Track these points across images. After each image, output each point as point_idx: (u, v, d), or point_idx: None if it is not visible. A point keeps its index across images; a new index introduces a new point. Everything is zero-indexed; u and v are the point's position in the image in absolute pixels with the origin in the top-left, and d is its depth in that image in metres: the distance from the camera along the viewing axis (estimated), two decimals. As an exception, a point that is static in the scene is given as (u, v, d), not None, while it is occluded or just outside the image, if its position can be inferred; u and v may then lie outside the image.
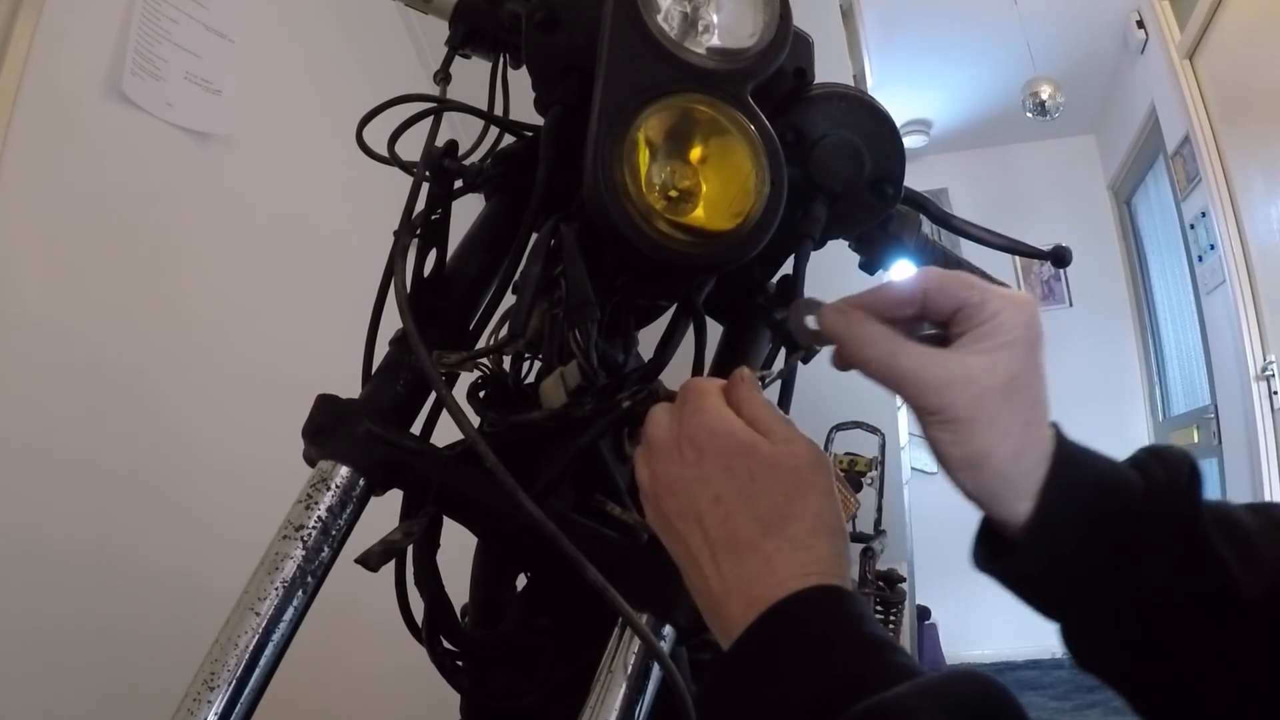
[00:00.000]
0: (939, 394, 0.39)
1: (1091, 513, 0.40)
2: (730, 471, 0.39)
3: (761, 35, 0.50)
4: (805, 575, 0.36)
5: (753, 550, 0.37)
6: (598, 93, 0.47)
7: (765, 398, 0.43)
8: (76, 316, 1.10)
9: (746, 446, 0.39)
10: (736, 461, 0.39)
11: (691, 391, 0.43)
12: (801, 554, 0.37)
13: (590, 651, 0.51)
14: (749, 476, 0.39)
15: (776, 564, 0.36)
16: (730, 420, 0.41)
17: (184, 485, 1.23)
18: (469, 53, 0.66)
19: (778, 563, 0.36)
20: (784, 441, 0.40)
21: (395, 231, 0.54)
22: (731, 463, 0.39)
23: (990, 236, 0.64)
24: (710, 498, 0.39)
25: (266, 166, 1.49)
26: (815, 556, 0.37)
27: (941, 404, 0.39)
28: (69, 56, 1.12)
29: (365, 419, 0.50)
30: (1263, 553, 0.40)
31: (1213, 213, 2.97)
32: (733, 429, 0.40)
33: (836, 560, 0.37)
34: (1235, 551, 0.40)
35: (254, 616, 0.46)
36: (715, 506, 0.39)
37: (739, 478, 0.39)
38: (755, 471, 0.39)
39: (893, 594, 1.61)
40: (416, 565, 0.57)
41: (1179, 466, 0.42)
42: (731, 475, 0.39)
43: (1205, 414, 3.33)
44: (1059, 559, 0.40)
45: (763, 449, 0.39)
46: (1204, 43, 2.98)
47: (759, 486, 0.38)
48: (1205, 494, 0.41)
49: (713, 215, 0.47)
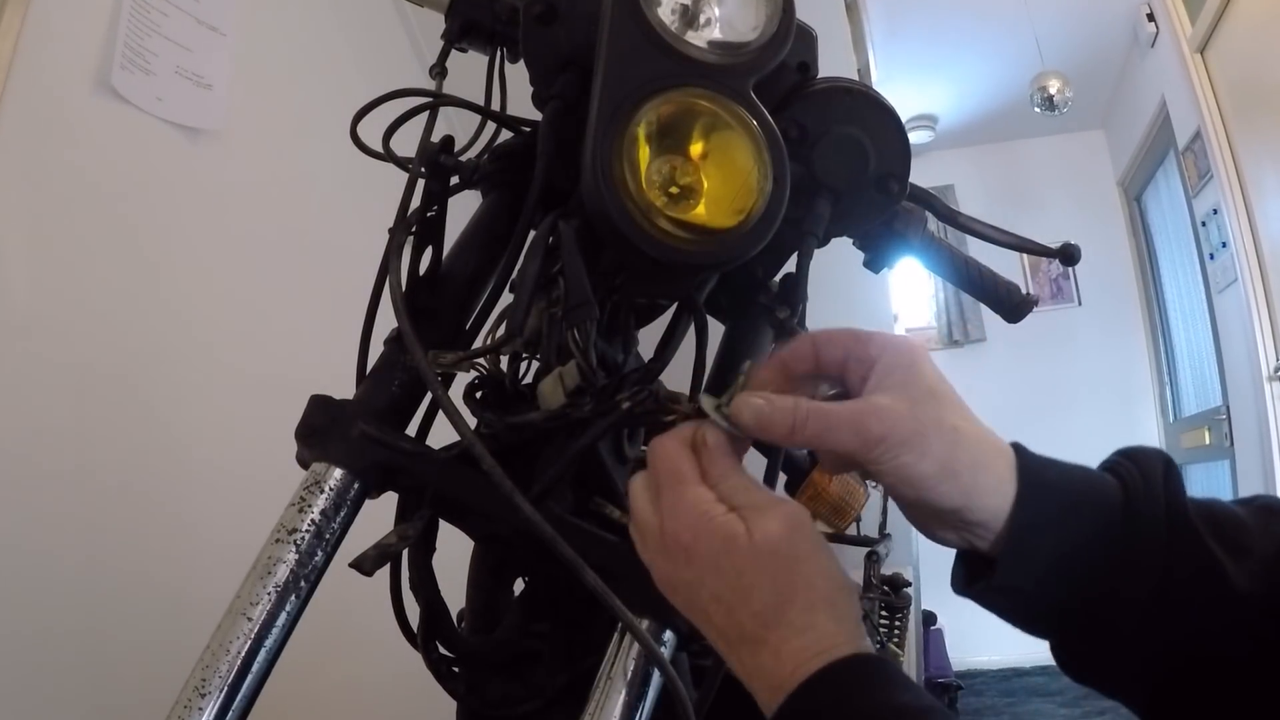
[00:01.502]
0: (879, 419, 0.40)
1: (1068, 523, 0.40)
2: (719, 571, 0.40)
3: (764, 29, 0.50)
4: (816, 655, 0.37)
5: (760, 644, 0.38)
6: (597, 87, 0.47)
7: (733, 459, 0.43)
8: (65, 316, 1.10)
9: (728, 542, 0.40)
10: (723, 560, 0.40)
11: (665, 477, 0.43)
12: (806, 637, 0.38)
13: (589, 657, 0.51)
14: (736, 574, 0.39)
15: (784, 654, 0.38)
16: (707, 512, 0.41)
17: (175, 488, 1.23)
18: (466, 46, 0.66)
19: (785, 653, 0.38)
20: (759, 517, 0.40)
21: (390, 229, 0.54)
22: (719, 562, 0.40)
23: (997, 234, 0.64)
24: (710, 597, 0.40)
25: (259, 162, 1.49)
26: (819, 635, 0.38)
27: (884, 428, 0.39)
28: (57, 50, 1.12)
29: (359, 420, 0.50)
30: (1254, 543, 0.40)
31: (1224, 209, 2.97)
32: (712, 525, 0.40)
33: (841, 625, 0.38)
34: (1224, 545, 0.40)
35: (246, 622, 0.46)
36: (716, 604, 0.40)
37: (728, 576, 0.40)
38: (741, 567, 0.39)
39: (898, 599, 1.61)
40: (412, 570, 0.57)
41: (1153, 465, 0.42)
42: (721, 575, 0.40)
43: (1217, 415, 3.33)
44: (1039, 574, 0.40)
45: (741, 541, 0.40)
46: (1215, 36, 2.98)
47: (748, 581, 0.39)
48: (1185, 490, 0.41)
49: (714, 212, 0.47)
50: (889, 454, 0.40)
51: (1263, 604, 0.38)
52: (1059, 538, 0.40)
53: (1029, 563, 0.40)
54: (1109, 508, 0.40)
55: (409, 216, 0.55)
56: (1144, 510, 0.40)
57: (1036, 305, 0.66)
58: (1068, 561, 0.40)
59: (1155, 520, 0.40)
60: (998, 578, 0.41)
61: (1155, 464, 0.42)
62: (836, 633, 0.38)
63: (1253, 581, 0.39)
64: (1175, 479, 0.41)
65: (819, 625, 0.38)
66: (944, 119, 4.39)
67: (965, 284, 0.66)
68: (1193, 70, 3.10)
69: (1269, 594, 0.39)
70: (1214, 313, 3.30)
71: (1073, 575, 0.40)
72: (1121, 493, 0.41)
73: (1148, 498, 0.40)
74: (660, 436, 0.44)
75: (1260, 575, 0.39)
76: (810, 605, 0.38)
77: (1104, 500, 0.41)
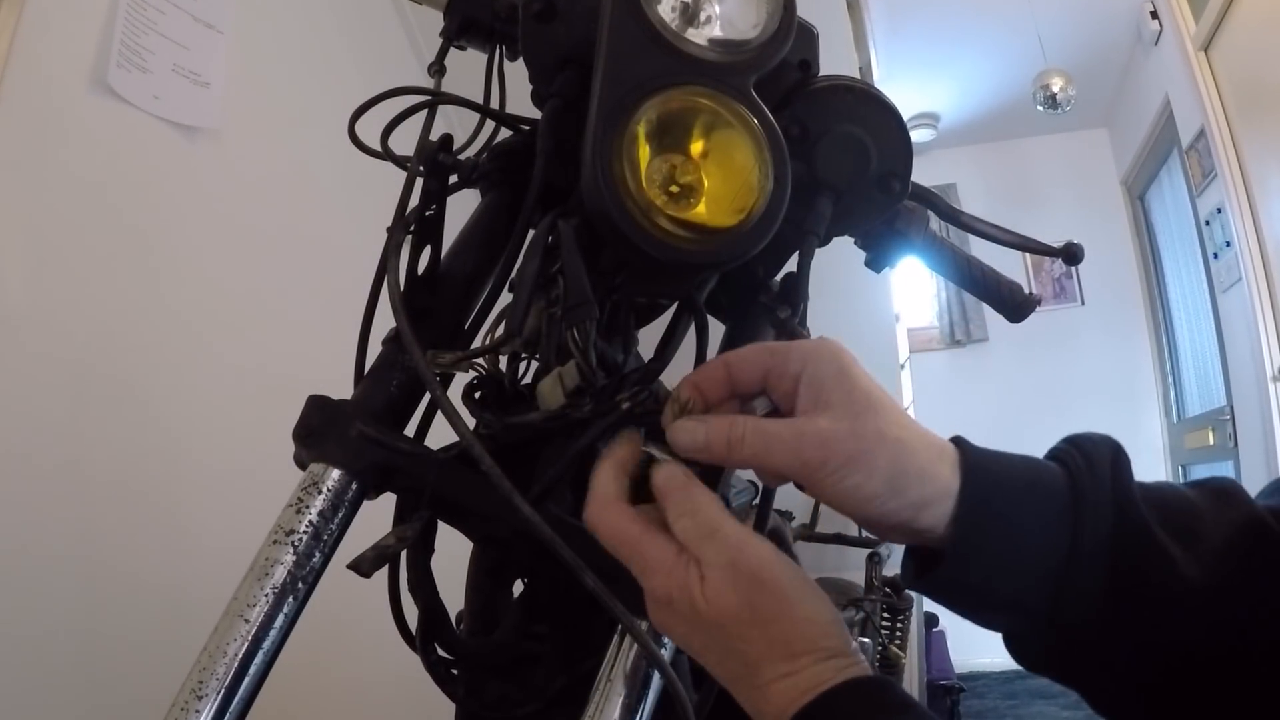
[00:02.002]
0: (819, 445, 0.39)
1: (1012, 515, 0.40)
2: (697, 632, 0.40)
3: (765, 26, 0.50)
4: (802, 695, 0.37)
5: (751, 688, 0.38)
6: (596, 85, 0.47)
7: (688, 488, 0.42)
8: (61, 315, 1.10)
9: (692, 610, 0.39)
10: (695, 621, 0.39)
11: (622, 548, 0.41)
12: (792, 680, 0.37)
13: (589, 660, 0.51)
14: (708, 635, 0.39)
15: (773, 696, 0.37)
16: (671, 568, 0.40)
17: (172, 489, 1.23)
18: (464, 44, 0.66)
19: (774, 694, 0.37)
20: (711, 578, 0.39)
21: (388, 228, 0.54)
22: (694, 621, 0.39)
23: (1000, 233, 0.64)
24: (701, 648, 0.40)
25: (256, 161, 1.49)
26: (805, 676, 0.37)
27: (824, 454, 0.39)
28: (53, 48, 1.12)
29: (357, 421, 0.50)
30: (1205, 530, 0.40)
31: (1228, 208, 2.97)
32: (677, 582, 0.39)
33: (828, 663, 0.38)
34: (1173, 533, 0.39)
35: (243, 624, 0.46)
36: (707, 654, 0.40)
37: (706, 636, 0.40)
38: (711, 631, 0.39)
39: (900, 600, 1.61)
40: (410, 571, 0.57)
41: (1100, 452, 0.41)
42: (700, 634, 0.40)
43: (1221, 415, 3.33)
44: (986, 567, 0.40)
45: (701, 610, 0.39)
46: (1219, 34, 2.98)
47: (723, 642, 0.39)
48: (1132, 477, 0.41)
49: (715, 211, 0.47)
50: (831, 477, 0.39)
51: (1213, 593, 0.38)
52: (1004, 531, 0.40)
53: (976, 557, 0.40)
54: (1054, 496, 0.40)
55: (407, 215, 0.55)
56: (1090, 499, 0.39)
57: (1039, 305, 0.66)
58: (1014, 554, 0.40)
59: (1101, 509, 0.39)
60: (944, 570, 0.40)
61: (1103, 451, 0.41)
62: (823, 671, 0.37)
63: (1203, 571, 0.38)
64: (1123, 466, 0.41)
65: (803, 669, 0.37)
66: (946, 117, 4.39)
67: (967, 283, 0.66)
68: (1197, 68, 3.10)
69: (1220, 584, 0.38)
70: (1218, 312, 3.30)
71: (1020, 568, 0.40)
72: (1067, 481, 0.40)
73: (1094, 486, 0.40)
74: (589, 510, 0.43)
75: (1211, 565, 0.39)
76: (791, 656, 0.38)
77: (1049, 490, 0.40)
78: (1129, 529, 0.39)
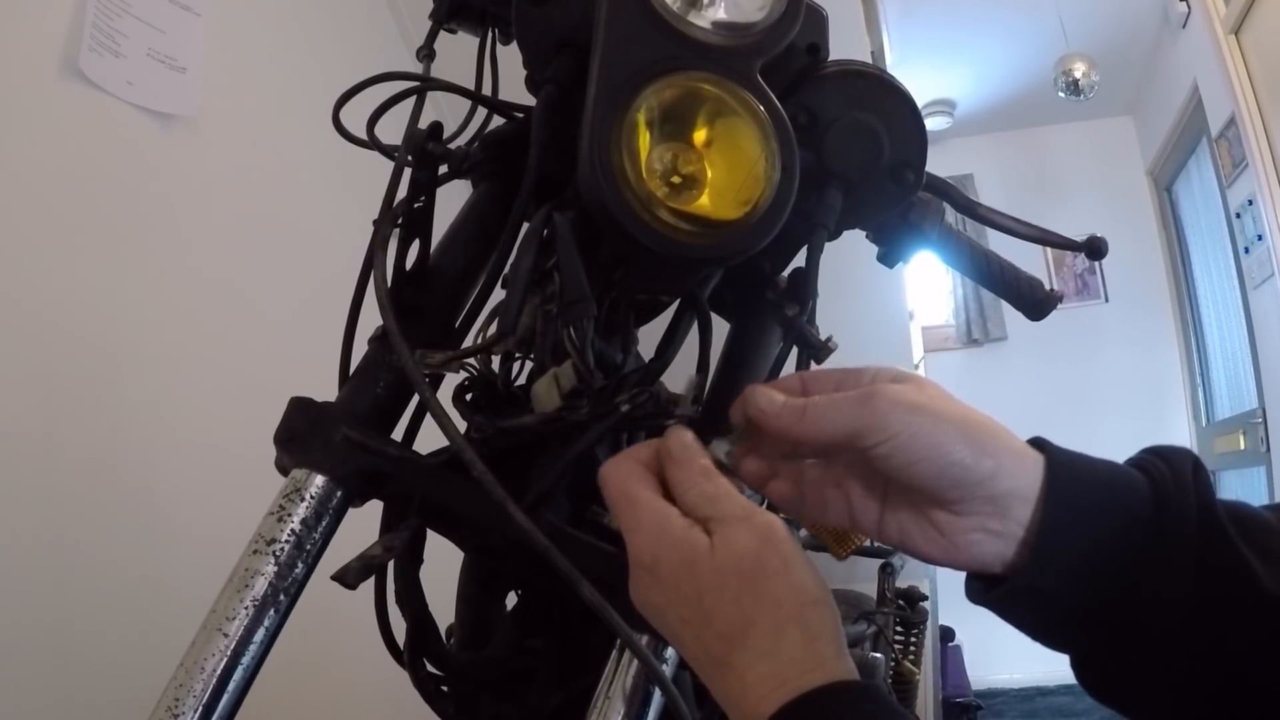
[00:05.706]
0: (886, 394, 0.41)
1: (1097, 520, 0.41)
2: (681, 592, 0.40)
3: (771, 8, 0.50)
4: (779, 687, 0.37)
5: (727, 669, 0.39)
6: (594, 70, 0.47)
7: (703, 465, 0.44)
8: (33, 309, 1.10)
9: (687, 561, 0.40)
10: (684, 580, 0.40)
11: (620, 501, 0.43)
12: (770, 662, 0.38)
13: (586, 675, 0.51)
14: (698, 595, 0.40)
15: (750, 681, 0.38)
16: (666, 527, 0.41)
17: (149, 489, 1.23)
18: (455, 27, 0.67)
19: (750, 680, 0.38)
20: (725, 530, 0.40)
21: (375, 221, 0.54)
22: (680, 582, 0.40)
23: (1019, 226, 0.64)
24: (678, 620, 0.41)
25: (236, 150, 1.49)
26: (785, 659, 0.38)
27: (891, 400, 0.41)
28: (21, 31, 1.12)
29: (342, 424, 0.50)
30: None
31: (1260, 200, 2.97)
32: (672, 540, 0.41)
33: (811, 646, 0.38)
34: (1254, 547, 0.40)
35: (222, 638, 0.46)
36: (684, 628, 0.41)
37: (690, 597, 0.40)
38: (702, 587, 0.40)
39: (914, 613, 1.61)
40: (398, 582, 0.57)
41: (1183, 463, 0.42)
42: (684, 596, 0.40)
43: (1252, 418, 3.33)
44: (1064, 574, 0.41)
45: (701, 559, 0.40)
46: (1250, 17, 2.98)
47: (710, 602, 0.39)
48: (1214, 490, 0.42)
49: (719, 203, 0.47)
50: (900, 420, 0.40)
51: None
52: (1088, 536, 0.40)
53: (1056, 561, 0.40)
54: (1139, 505, 0.41)
55: (395, 208, 0.55)
56: (1176, 508, 0.40)
57: (1060, 302, 0.66)
58: (1095, 561, 0.40)
59: (1187, 519, 0.40)
60: (1022, 577, 0.41)
61: (1185, 462, 0.42)
62: (805, 658, 0.38)
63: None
64: (1204, 478, 0.42)
65: (785, 649, 0.38)
66: (962, 104, 4.39)
67: (985, 279, 0.66)
68: (1226, 53, 3.10)
69: None
70: (1249, 310, 3.30)
71: (1100, 576, 0.40)
72: (1151, 490, 0.41)
73: (1179, 496, 0.41)
74: (610, 460, 0.45)
75: None
76: (776, 627, 0.38)
77: (1134, 497, 0.41)
78: (1213, 538, 0.40)
